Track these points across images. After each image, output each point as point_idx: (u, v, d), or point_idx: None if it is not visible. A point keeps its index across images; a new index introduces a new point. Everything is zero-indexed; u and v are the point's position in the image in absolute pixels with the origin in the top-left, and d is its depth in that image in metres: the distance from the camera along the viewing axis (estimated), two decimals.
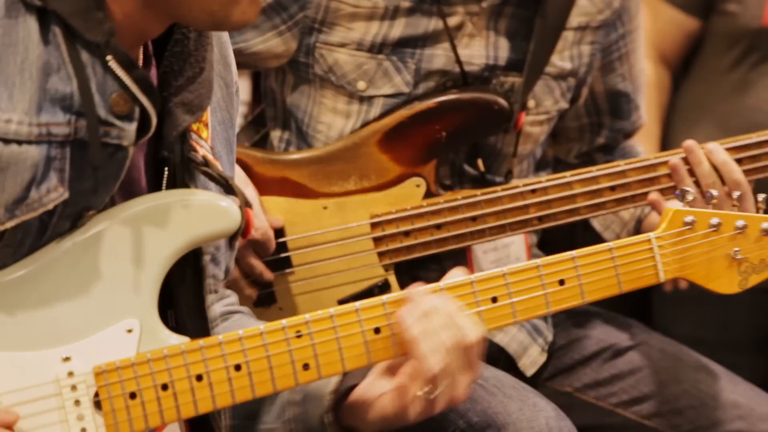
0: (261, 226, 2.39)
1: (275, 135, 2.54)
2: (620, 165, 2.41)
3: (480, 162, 2.49)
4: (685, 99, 3.10)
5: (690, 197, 1.76)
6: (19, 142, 1.54)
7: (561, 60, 2.50)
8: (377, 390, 1.73)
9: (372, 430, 1.77)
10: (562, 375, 2.57)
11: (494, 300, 1.74)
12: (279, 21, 2.42)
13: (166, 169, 1.68)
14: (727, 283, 1.83)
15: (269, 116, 2.55)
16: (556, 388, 2.55)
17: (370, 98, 2.42)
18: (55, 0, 1.55)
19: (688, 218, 1.77)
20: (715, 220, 1.79)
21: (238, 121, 2.08)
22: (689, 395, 2.51)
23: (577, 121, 2.64)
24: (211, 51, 1.68)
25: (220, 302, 1.92)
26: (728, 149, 2.37)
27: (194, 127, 1.69)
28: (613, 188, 2.41)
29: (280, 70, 2.50)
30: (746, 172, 2.36)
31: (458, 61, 2.42)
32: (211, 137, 1.78)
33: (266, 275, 2.42)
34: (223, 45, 1.83)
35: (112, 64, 1.57)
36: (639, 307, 3.18)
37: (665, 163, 2.39)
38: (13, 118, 1.53)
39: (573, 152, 2.69)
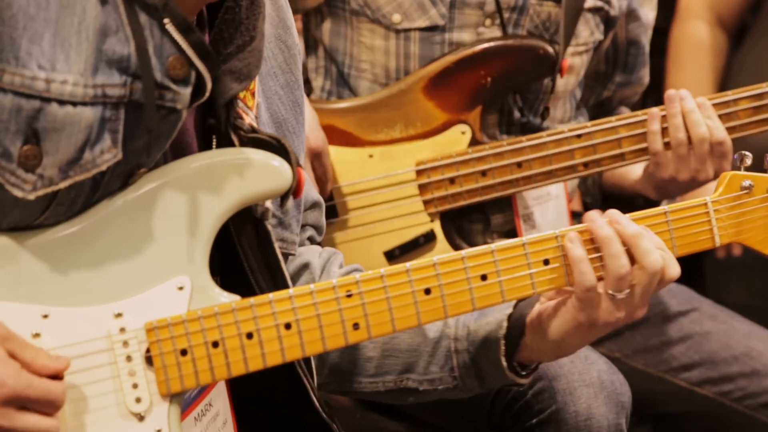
0: (327, 170, 2.43)
1: (317, 86, 2.57)
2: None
3: (518, 98, 2.50)
4: (741, 63, 3.08)
5: (748, 161, 1.76)
6: (74, 104, 1.56)
7: None
8: (553, 309, 1.78)
9: (552, 354, 1.82)
10: (611, 340, 2.60)
11: (546, 263, 1.75)
12: None
13: (214, 137, 1.71)
14: None
15: (310, 68, 2.58)
16: (605, 353, 2.57)
17: (407, 31, 2.44)
18: None
19: (746, 182, 1.78)
20: None
21: None
22: (740, 362, 2.53)
23: (596, 66, 2.64)
24: (263, 21, 1.70)
25: (341, 268, 1.95)
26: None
27: (241, 95, 1.72)
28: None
29: (318, 13, 2.52)
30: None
31: None
32: (268, 104, 1.81)
33: (327, 187, 2.43)
34: (281, 8, 1.86)
35: (170, 27, 1.59)
36: (691, 273, 3.18)
37: (715, 105, 2.40)
38: (68, 80, 1.56)
39: (590, 101, 2.71)
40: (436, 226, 2.47)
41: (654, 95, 3.10)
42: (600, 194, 2.59)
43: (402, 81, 2.47)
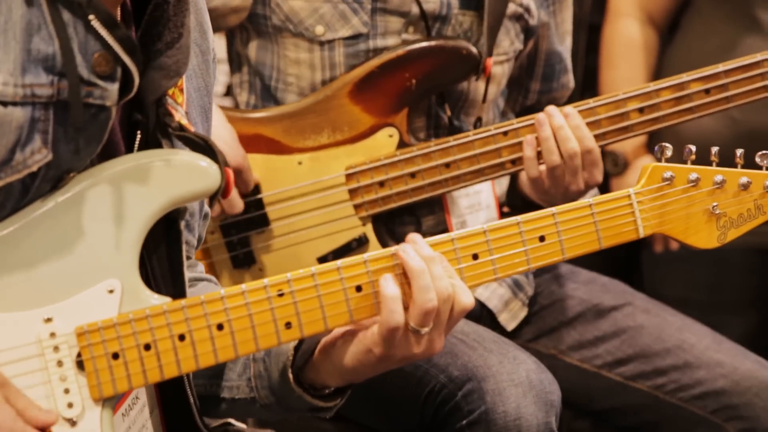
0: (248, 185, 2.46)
1: (242, 100, 2.62)
2: (589, 102, 2.49)
3: (447, 107, 2.56)
4: (672, 60, 3.16)
5: (668, 153, 1.82)
6: (5, 104, 1.58)
7: (512, 3, 2.56)
8: (350, 335, 1.79)
9: (340, 379, 1.82)
10: (546, 336, 2.65)
11: (475, 257, 1.80)
12: None
13: (139, 132, 1.73)
14: (705, 237, 1.89)
15: (235, 83, 2.63)
16: (540, 350, 2.63)
17: (330, 42, 2.49)
18: None
19: (667, 174, 1.84)
20: (693, 176, 1.86)
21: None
22: (673, 355, 2.59)
23: (516, 76, 2.71)
24: (189, 17, 1.73)
25: (189, 269, 1.97)
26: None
27: (170, 91, 1.75)
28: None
29: (242, 30, 2.57)
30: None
31: (416, 0, 2.47)
32: (186, 103, 1.84)
33: (238, 205, 2.46)
34: (199, 12, 1.89)
35: (95, 23, 1.61)
36: (628, 268, 3.25)
37: (635, 98, 2.47)
38: None
39: (516, 109, 2.78)
40: (368, 230, 2.52)
41: (590, 93, 3.18)
42: (521, 202, 2.65)
43: (327, 87, 2.52)
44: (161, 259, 1.77)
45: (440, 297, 1.74)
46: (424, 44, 2.51)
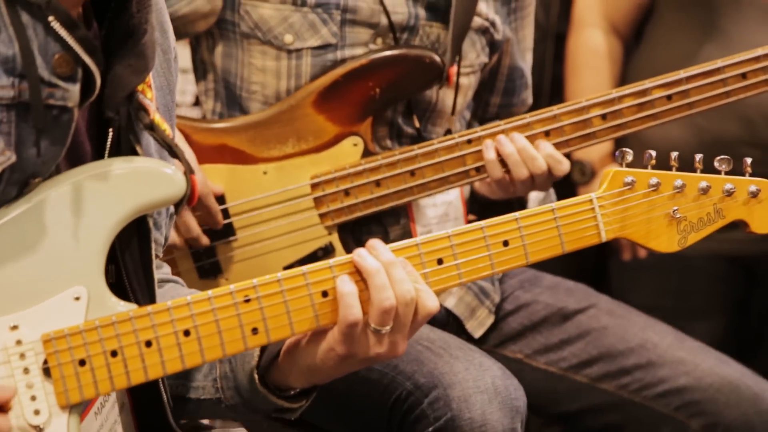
0: (211, 207, 2.47)
1: (207, 108, 2.64)
2: (553, 110, 2.52)
3: (415, 118, 2.59)
4: (637, 69, 3.20)
5: (629, 158, 1.85)
6: None
7: (478, 17, 2.60)
8: (313, 335, 1.81)
9: (305, 380, 1.84)
10: (512, 341, 2.68)
11: (440, 262, 1.83)
12: None
13: (111, 130, 1.75)
14: (666, 241, 1.91)
15: (200, 91, 2.65)
16: (507, 355, 2.66)
17: (298, 51, 2.52)
18: None
19: (628, 178, 1.87)
20: (654, 180, 1.89)
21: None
22: (636, 354, 2.63)
23: (478, 90, 2.75)
24: (152, 14, 1.75)
25: (156, 271, 1.99)
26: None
27: (139, 88, 1.76)
28: (547, 133, 2.52)
29: (209, 36, 2.59)
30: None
31: (385, 11, 2.51)
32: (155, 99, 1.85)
33: (202, 240, 2.49)
34: (159, 11, 1.91)
35: (55, 24, 1.63)
36: (596, 277, 3.29)
37: (598, 104, 2.51)
38: None
39: (477, 120, 2.81)
40: (335, 239, 2.54)
41: (558, 102, 3.20)
42: (478, 208, 2.68)
43: (292, 97, 2.54)
44: (133, 256, 1.78)
45: (402, 300, 1.76)
46: (387, 53, 2.54)
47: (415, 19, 2.55)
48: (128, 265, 1.78)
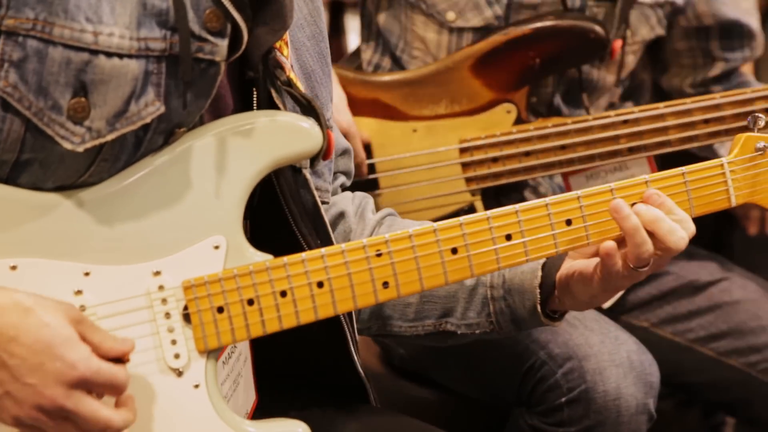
0: (358, 154, 2.53)
1: (365, 58, 2.67)
2: (716, 98, 2.51)
3: (585, 97, 2.60)
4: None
5: (761, 123, 1.85)
6: (121, 56, 1.68)
7: None
8: (579, 275, 1.88)
9: (580, 306, 1.94)
10: (639, 309, 2.69)
11: (568, 223, 1.85)
12: None
13: (255, 89, 1.82)
14: None
15: (363, 37, 2.68)
16: (632, 322, 2.67)
17: (460, 30, 2.55)
18: None
19: (760, 144, 1.87)
20: None
21: None
22: None
23: (687, 41, 2.72)
24: None
25: (374, 214, 2.08)
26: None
27: (276, 45, 1.82)
28: (706, 121, 2.51)
29: None
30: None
31: None
32: (297, 55, 1.92)
33: (363, 168, 2.55)
34: None
35: None
36: (721, 248, 3.25)
37: (763, 98, 2.48)
38: (115, 32, 1.67)
39: (688, 81, 2.78)
40: (478, 202, 2.58)
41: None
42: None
43: (449, 58, 2.58)
44: (298, 205, 1.86)
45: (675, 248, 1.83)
46: (551, 23, 2.55)
47: (582, 2, 2.56)
48: (294, 213, 1.85)
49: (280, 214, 1.86)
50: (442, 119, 2.60)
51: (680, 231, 1.82)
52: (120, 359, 1.68)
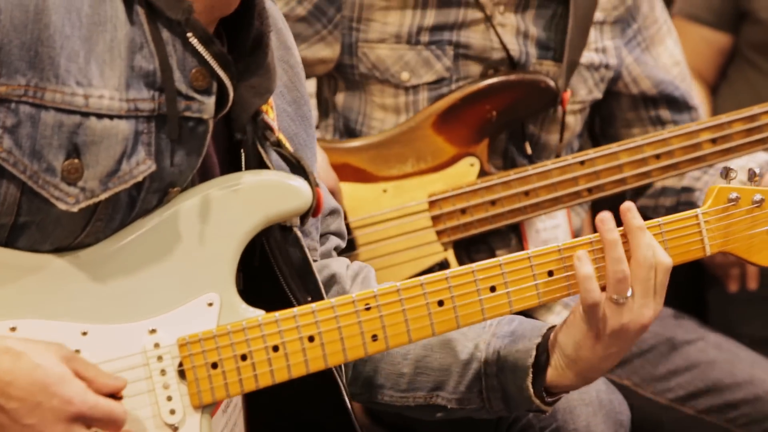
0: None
1: (325, 137, 2.77)
2: (663, 134, 2.62)
3: (527, 145, 2.70)
4: (722, 111, 3.26)
5: (733, 175, 1.95)
6: (111, 117, 1.73)
7: (588, 52, 2.71)
8: (564, 323, 1.92)
9: (573, 375, 1.95)
10: (620, 367, 2.76)
11: (550, 274, 1.92)
12: (320, 26, 2.66)
13: (243, 150, 1.88)
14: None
15: (321, 127, 2.78)
16: (614, 380, 2.73)
17: (415, 87, 2.65)
18: None
19: (733, 195, 1.96)
20: (758, 197, 1.97)
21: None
22: (744, 389, 2.70)
23: (635, 112, 2.83)
24: (270, 38, 1.87)
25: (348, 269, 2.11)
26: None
27: (263, 108, 1.88)
28: (657, 156, 2.61)
29: (330, 78, 2.74)
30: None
31: (503, 47, 2.63)
32: (279, 121, 1.98)
33: None
34: (280, 31, 2.04)
35: (193, 40, 1.76)
36: (697, 306, 3.33)
37: (707, 129, 2.59)
38: (105, 94, 1.73)
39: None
40: (450, 255, 2.66)
41: None
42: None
43: (412, 119, 2.67)
44: (288, 264, 1.90)
45: (646, 264, 1.87)
46: (504, 78, 2.65)
47: (525, 57, 2.67)
48: (283, 270, 1.90)
49: (271, 271, 1.91)
50: (410, 177, 2.68)
51: (655, 249, 1.87)
52: (114, 396, 1.73)
